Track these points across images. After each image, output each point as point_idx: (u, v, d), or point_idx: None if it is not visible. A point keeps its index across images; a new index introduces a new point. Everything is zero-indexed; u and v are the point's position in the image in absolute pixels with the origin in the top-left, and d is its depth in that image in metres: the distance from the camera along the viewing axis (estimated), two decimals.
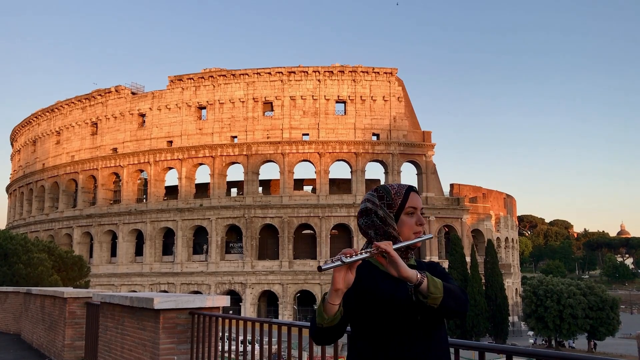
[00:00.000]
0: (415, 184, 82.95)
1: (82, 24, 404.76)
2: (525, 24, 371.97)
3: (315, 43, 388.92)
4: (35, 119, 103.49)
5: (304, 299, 76.33)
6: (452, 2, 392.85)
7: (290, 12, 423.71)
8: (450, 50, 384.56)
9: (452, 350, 3.96)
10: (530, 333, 76.62)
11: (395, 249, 3.16)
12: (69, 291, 14.50)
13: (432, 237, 3.50)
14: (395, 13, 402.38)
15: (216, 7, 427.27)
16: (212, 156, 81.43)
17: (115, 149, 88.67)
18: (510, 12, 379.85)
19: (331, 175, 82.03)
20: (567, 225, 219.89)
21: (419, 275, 2.94)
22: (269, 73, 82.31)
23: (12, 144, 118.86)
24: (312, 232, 79.11)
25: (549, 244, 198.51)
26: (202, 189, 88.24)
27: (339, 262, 2.90)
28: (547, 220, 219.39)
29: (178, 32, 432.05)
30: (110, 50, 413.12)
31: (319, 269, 2.90)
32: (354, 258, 2.92)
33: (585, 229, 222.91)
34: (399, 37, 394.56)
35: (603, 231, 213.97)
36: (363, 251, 3.01)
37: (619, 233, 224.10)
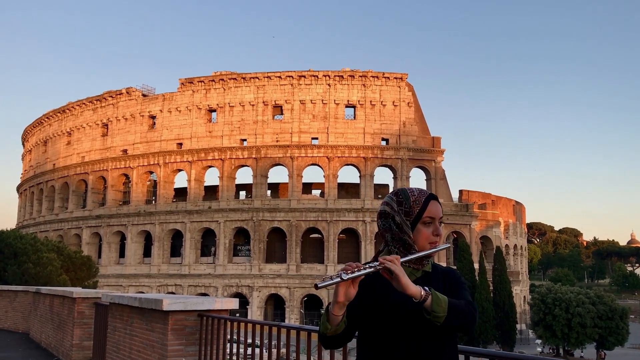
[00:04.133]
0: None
1: (94, 25, 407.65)
2: (535, 29, 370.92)
3: (326, 48, 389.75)
4: (46, 119, 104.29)
5: (311, 303, 76.25)
6: (462, 8, 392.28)
7: (301, 16, 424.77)
8: (460, 56, 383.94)
9: (462, 357, 3.96)
10: (538, 341, 76.02)
11: (409, 260, 3.18)
12: (78, 291, 14.57)
13: (448, 247, 3.51)
14: (405, 18, 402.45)
15: (227, 11, 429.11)
16: (221, 159, 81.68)
17: (125, 151, 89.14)
18: (520, 18, 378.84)
19: (340, 180, 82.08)
20: (576, 234, 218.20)
21: (423, 293, 2.93)
22: (279, 77, 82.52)
23: (23, 144, 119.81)
24: (320, 236, 79.08)
25: (558, 252, 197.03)
26: (211, 192, 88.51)
27: (339, 279, 2.91)
28: (557, 228, 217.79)
29: (189, 35, 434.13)
30: (121, 52, 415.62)
31: (315, 286, 2.91)
32: (355, 274, 2.93)
33: (594, 238, 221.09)
34: (410, 42, 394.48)
35: (613, 240, 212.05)
36: (367, 265, 3.01)
37: (629, 242, 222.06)
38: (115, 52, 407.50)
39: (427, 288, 2.97)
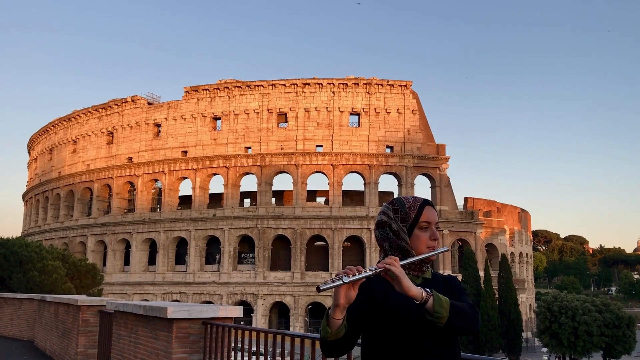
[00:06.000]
0: (429, 197, 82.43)
1: (100, 34, 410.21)
2: (541, 37, 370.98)
3: (330, 55, 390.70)
4: (52, 127, 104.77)
5: (316, 310, 76.06)
6: (467, 15, 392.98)
7: (306, 25, 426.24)
8: (465, 64, 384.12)
9: None
10: (544, 349, 75.52)
11: (408, 263, 3.18)
12: (82, 299, 14.57)
13: (447, 250, 3.53)
14: (410, 26, 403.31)
15: (232, 19, 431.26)
16: (226, 166, 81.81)
17: (130, 158, 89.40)
18: (526, 25, 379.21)
19: (344, 187, 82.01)
20: (582, 241, 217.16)
21: (424, 294, 2.93)
22: (284, 85, 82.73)
23: (29, 152, 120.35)
24: (324, 243, 78.98)
25: (564, 259, 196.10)
26: (216, 199, 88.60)
27: (340, 282, 2.94)
28: (562, 236, 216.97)
29: (194, 44, 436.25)
30: (127, 60, 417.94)
31: (318, 289, 2.94)
32: (356, 277, 2.95)
33: (600, 245, 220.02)
34: (414, 50, 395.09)
35: (619, 247, 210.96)
36: (368, 269, 3.02)
37: (635, 249, 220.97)
38: (120, 61, 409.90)
39: (428, 289, 2.98)
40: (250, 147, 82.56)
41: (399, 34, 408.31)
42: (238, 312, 8.35)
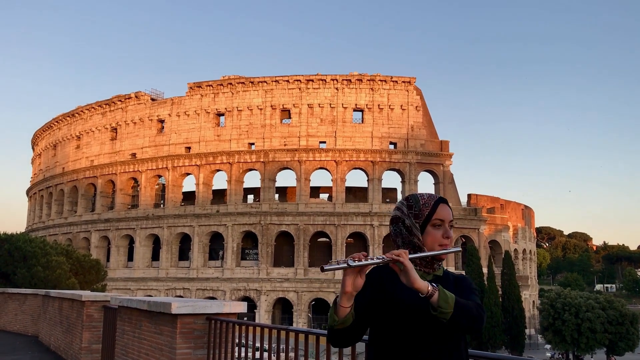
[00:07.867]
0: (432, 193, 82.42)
1: (103, 30, 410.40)
2: (545, 32, 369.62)
3: (334, 52, 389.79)
4: (56, 123, 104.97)
5: (319, 306, 76.16)
6: (470, 12, 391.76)
7: (309, 20, 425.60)
8: (468, 60, 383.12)
9: None
10: (548, 346, 75.48)
11: (417, 258, 3.18)
12: (87, 294, 14.59)
13: (459, 250, 3.51)
14: (413, 22, 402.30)
15: (235, 16, 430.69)
16: (229, 163, 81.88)
17: (134, 154, 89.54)
18: (531, 21, 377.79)
19: (347, 184, 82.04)
20: (585, 238, 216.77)
21: (430, 288, 2.92)
22: (287, 81, 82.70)
23: (33, 148, 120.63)
24: (327, 240, 79.01)
25: (567, 256, 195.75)
26: (219, 195, 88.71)
27: (345, 265, 2.90)
28: (566, 233, 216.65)
29: (198, 40, 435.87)
30: (130, 56, 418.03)
31: (322, 269, 2.94)
32: (362, 263, 2.92)
33: (604, 242, 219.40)
34: (417, 46, 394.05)
35: (623, 244, 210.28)
36: (375, 257, 3.00)
37: (639, 247, 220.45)
38: (124, 57, 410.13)
39: (434, 284, 2.97)
40: (253, 143, 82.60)
41: (403, 29, 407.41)
42: (242, 307, 8.35)
